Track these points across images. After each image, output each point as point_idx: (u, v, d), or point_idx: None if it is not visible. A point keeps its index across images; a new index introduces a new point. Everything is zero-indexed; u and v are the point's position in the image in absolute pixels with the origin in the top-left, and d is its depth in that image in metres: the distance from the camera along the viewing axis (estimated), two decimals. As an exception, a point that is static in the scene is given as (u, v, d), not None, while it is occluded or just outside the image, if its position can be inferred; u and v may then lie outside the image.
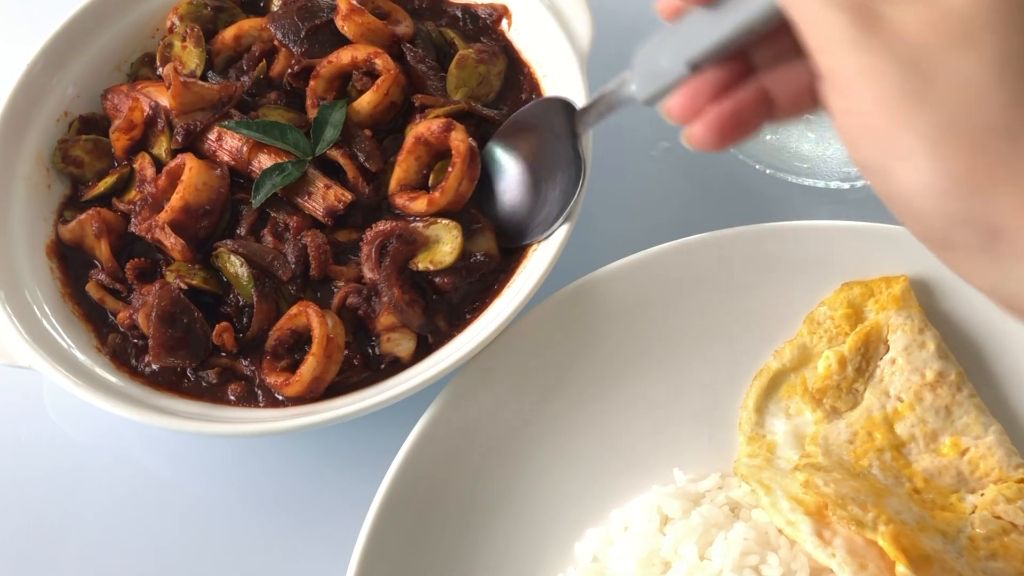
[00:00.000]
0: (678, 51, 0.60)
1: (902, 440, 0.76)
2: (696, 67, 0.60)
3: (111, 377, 0.83)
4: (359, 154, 0.88)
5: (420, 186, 0.87)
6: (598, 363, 0.83)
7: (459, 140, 0.85)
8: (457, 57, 0.93)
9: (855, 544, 0.67)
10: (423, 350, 0.83)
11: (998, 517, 0.72)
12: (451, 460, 0.78)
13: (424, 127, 0.86)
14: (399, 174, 0.87)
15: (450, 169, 0.84)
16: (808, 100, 0.59)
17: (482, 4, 1.00)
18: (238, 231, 0.87)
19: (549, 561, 0.77)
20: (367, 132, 0.89)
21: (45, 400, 0.93)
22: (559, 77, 0.93)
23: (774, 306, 0.83)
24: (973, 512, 0.73)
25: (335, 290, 0.85)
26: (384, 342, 0.83)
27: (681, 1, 0.59)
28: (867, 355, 0.80)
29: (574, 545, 0.78)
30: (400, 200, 0.86)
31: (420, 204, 0.84)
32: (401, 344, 0.83)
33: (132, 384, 0.83)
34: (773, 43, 0.59)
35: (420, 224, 0.84)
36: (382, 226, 0.84)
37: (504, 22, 0.98)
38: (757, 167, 0.98)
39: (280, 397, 0.81)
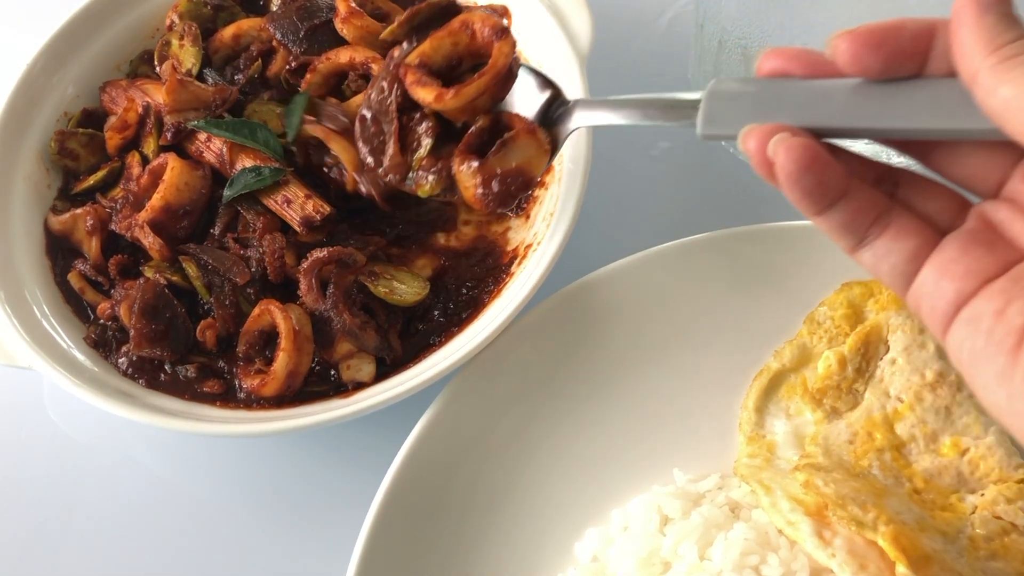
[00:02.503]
0: (795, 114, 0.53)
1: (902, 440, 0.76)
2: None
3: (108, 376, 0.83)
4: (326, 121, 0.86)
5: (439, 75, 0.73)
6: (598, 363, 0.83)
7: (503, 52, 0.70)
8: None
9: (855, 544, 0.67)
10: (383, 370, 0.82)
11: (998, 517, 0.72)
12: (451, 460, 0.78)
13: (478, 17, 0.72)
14: (426, 48, 0.72)
15: (476, 76, 0.70)
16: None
17: (482, 5, 0.99)
18: (212, 230, 0.86)
19: (549, 561, 0.77)
20: (331, 99, 0.87)
21: (45, 400, 0.93)
22: (559, 77, 0.92)
23: (774, 306, 0.83)
24: (973, 512, 0.73)
25: (299, 297, 0.83)
26: (344, 370, 0.81)
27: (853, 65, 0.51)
28: (867, 355, 0.80)
29: (574, 545, 0.78)
30: (412, 75, 0.71)
31: (428, 93, 0.70)
32: (362, 369, 0.82)
33: (125, 381, 0.83)
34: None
35: (375, 266, 0.83)
36: (318, 253, 0.81)
37: (504, 22, 0.98)
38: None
39: (261, 399, 0.81)
